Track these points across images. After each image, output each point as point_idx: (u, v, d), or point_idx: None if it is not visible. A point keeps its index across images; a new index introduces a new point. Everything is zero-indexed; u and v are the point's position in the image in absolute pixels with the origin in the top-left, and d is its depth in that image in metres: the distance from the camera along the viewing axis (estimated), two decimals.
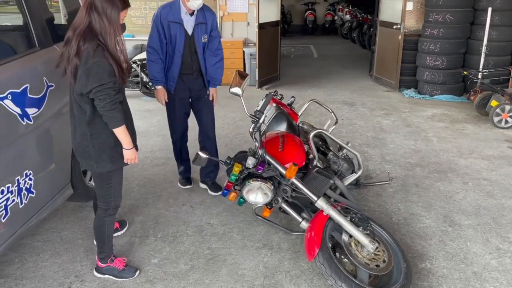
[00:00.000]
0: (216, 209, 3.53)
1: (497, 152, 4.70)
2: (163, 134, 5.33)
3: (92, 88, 2.22)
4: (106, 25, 2.26)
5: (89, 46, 2.22)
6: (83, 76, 2.22)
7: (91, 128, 2.38)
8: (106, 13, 2.25)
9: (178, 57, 3.50)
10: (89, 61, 2.21)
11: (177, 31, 3.42)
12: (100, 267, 2.72)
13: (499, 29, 6.55)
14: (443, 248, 2.98)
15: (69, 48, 2.28)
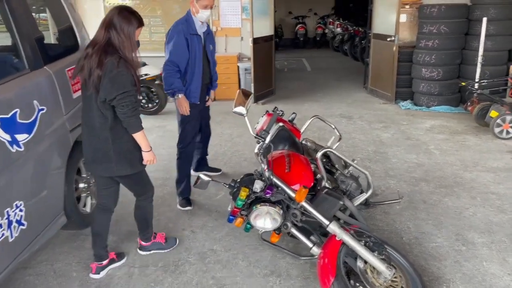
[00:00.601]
0: (219, 234, 3.36)
1: (502, 164, 4.60)
2: (159, 154, 5.11)
3: (117, 95, 2.42)
4: (124, 41, 2.49)
5: (111, 58, 2.43)
6: (108, 84, 2.42)
7: (113, 133, 2.57)
8: (124, 30, 2.49)
9: (199, 68, 3.71)
10: (113, 71, 2.42)
11: (196, 43, 3.65)
12: (145, 246, 3.10)
13: (495, 39, 6.53)
14: (460, 270, 2.84)
15: (90, 61, 2.46)
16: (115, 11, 2.52)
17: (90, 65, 2.46)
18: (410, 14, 7.27)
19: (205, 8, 3.59)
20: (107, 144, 2.58)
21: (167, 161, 4.93)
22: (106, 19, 2.52)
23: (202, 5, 3.58)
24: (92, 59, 2.45)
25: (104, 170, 2.69)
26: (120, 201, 3.60)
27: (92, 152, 2.64)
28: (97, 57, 2.43)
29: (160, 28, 8.13)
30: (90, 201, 3.50)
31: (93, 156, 2.65)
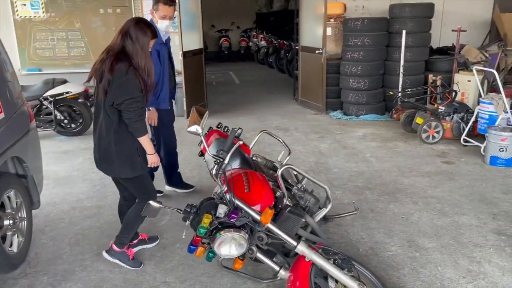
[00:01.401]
0: (170, 263, 3.10)
1: (434, 168, 4.85)
2: (90, 179, 4.73)
3: (124, 100, 2.57)
4: (138, 50, 2.64)
5: (122, 65, 2.57)
6: (117, 89, 2.57)
7: (116, 136, 2.69)
8: (139, 40, 2.65)
9: (167, 75, 3.85)
10: (122, 77, 2.56)
11: (164, 51, 3.79)
12: (114, 251, 3.02)
13: (412, 50, 6.97)
14: (418, 277, 2.88)
15: (103, 65, 2.60)
16: (132, 22, 2.69)
17: (102, 69, 2.61)
18: (335, 27, 7.53)
19: (163, 18, 3.70)
20: (110, 147, 2.71)
21: (100, 186, 4.53)
22: (123, 28, 2.68)
23: (160, 15, 3.70)
24: (105, 64, 2.59)
25: (107, 171, 2.88)
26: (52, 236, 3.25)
27: (99, 152, 2.81)
28: (109, 62, 2.57)
29: (79, 42, 7.60)
30: (17, 239, 3.05)
31: (99, 156, 2.82)
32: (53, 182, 4.57)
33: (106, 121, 2.68)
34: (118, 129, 2.69)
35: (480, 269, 2.93)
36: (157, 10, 3.71)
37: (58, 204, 4.11)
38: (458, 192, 4.20)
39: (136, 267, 3.03)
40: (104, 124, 2.69)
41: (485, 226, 3.51)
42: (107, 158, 2.77)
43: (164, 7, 3.66)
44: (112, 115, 2.66)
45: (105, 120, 2.68)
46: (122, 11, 7.53)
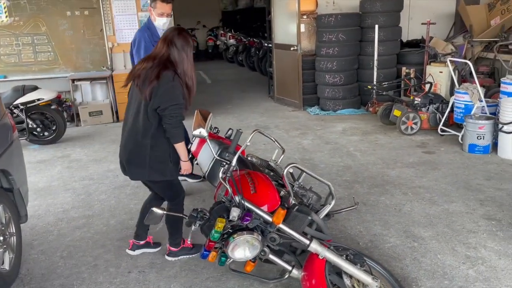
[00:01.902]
0: (172, 270, 3.03)
1: (416, 159, 4.98)
2: (72, 188, 4.56)
3: (169, 105, 2.64)
4: (184, 59, 2.75)
5: (168, 72, 2.66)
6: (164, 94, 2.64)
7: (153, 141, 2.75)
8: (184, 49, 2.76)
9: None
10: (169, 83, 2.65)
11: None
12: (174, 251, 3.11)
13: (384, 44, 7.11)
14: (420, 267, 2.94)
15: (149, 72, 2.67)
16: (175, 32, 2.79)
17: (147, 75, 2.66)
18: (308, 23, 7.58)
19: (161, 16, 3.83)
20: (145, 150, 2.75)
21: (85, 195, 4.38)
22: (167, 37, 2.76)
23: (157, 13, 3.82)
24: (152, 70, 2.65)
25: (138, 174, 2.89)
26: (42, 250, 3.13)
27: (128, 154, 2.82)
28: (157, 69, 2.65)
29: (46, 46, 7.30)
30: (8, 256, 2.89)
31: (128, 158, 2.83)
32: (33, 194, 4.37)
33: (145, 125, 2.73)
34: (156, 134, 2.74)
35: (477, 255, 3.03)
36: (154, 7, 3.82)
37: (43, 216, 3.94)
38: (443, 180, 4.32)
39: (199, 251, 2.90)
40: (142, 128, 2.74)
41: (474, 213, 3.63)
42: (139, 161, 2.79)
43: (162, 4, 3.80)
44: (153, 119, 2.71)
45: (144, 124, 2.73)
46: (91, 13, 7.28)
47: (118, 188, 4.49)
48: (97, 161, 5.39)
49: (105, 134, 6.62)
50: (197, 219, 2.41)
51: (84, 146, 6.06)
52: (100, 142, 6.21)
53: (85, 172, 5.05)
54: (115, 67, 7.52)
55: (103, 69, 7.46)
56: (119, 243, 3.41)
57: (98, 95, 7.53)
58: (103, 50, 7.45)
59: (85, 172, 5.04)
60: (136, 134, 2.76)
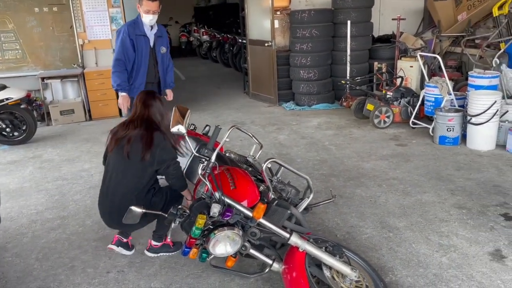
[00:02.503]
0: (151, 268, 3.01)
1: (390, 151, 5.10)
2: (45, 189, 4.47)
3: (170, 162, 2.86)
4: (164, 117, 2.98)
5: (157, 132, 2.87)
6: (162, 153, 2.84)
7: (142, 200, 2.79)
8: (161, 110, 3.00)
9: (144, 66, 4.07)
10: (162, 142, 2.86)
11: (143, 43, 4.02)
12: (154, 248, 3.12)
13: (357, 40, 7.22)
14: (396, 256, 3.02)
15: (137, 135, 2.83)
16: (150, 95, 3.03)
17: (136, 139, 2.81)
18: (282, 19, 7.62)
19: (147, 13, 3.92)
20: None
21: (58, 195, 4.30)
22: (144, 101, 2.96)
23: (144, 10, 3.91)
24: (141, 135, 2.82)
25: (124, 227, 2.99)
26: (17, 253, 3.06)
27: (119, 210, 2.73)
28: (145, 132, 2.83)
29: (13, 44, 7.07)
30: None
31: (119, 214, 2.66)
32: (5, 196, 4.25)
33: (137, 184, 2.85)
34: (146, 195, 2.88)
35: (450, 242, 3.14)
36: (141, 4, 3.92)
37: (16, 219, 3.84)
38: (415, 172, 4.45)
39: (178, 249, 3.13)
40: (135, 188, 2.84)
41: (446, 202, 3.76)
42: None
43: (148, 2, 3.88)
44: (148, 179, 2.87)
45: (137, 183, 2.84)
46: (59, 9, 7.09)
47: (93, 188, 4.41)
48: (70, 161, 5.29)
49: (78, 133, 6.49)
50: (177, 216, 2.41)
51: (56, 145, 5.92)
52: (73, 141, 6.09)
53: (58, 172, 4.94)
54: (86, 65, 7.37)
55: (73, 66, 7.29)
56: (96, 243, 3.37)
57: (69, 93, 7.36)
58: (73, 47, 7.28)
59: (58, 173, 4.93)
60: (125, 191, 2.83)
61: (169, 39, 15.61)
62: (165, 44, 4.25)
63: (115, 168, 2.88)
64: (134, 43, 3.98)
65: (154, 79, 4.26)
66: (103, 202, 2.95)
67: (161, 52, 4.19)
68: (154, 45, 4.13)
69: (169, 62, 4.36)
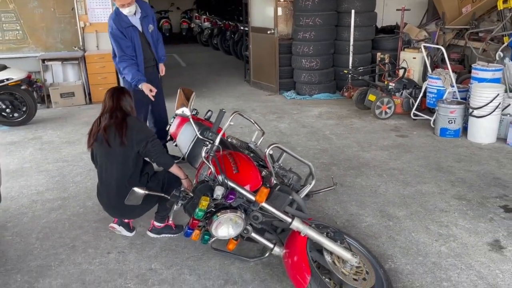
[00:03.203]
0: (152, 250, 3.02)
1: (390, 142, 5.10)
2: (46, 170, 4.46)
3: (148, 140, 2.83)
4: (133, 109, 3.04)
5: (129, 117, 2.92)
6: (139, 134, 2.85)
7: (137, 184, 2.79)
8: (131, 104, 3.04)
9: (140, 56, 4.02)
10: (138, 124, 2.95)
11: (132, 32, 3.96)
12: (157, 228, 3.12)
13: (360, 29, 7.18)
14: (396, 244, 3.04)
15: (114, 125, 2.85)
16: (119, 90, 3.04)
17: (111, 126, 2.85)
18: (285, 7, 7.57)
19: (122, 7, 3.87)
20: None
21: (59, 177, 4.29)
22: (113, 95, 2.97)
23: (118, 4, 3.86)
24: (114, 122, 2.85)
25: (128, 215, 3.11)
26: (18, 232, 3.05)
27: (118, 200, 2.83)
28: (118, 119, 2.86)
29: (14, 24, 7.00)
30: None
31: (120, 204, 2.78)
32: (5, 176, 4.24)
33: (124, 170, 2.87)
34: (139, 181, 2.91)
35: (449, 232, 3.16)
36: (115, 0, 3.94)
37: (16, 198, 3.84)
38: (416, 163, 4.46)
39: (180, 232, 3.13)
40: (123, 175, 2.87)
41: (446, 193, 3.77)
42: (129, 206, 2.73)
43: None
44: (134, 164, 2.89)
45: (123, 169, 2.87)
46: None
47: (94, 171, 4.31)
48: (71, 143, 5.27)
49: (78, 116, 6.46)
50: (180, 198, 2.42)
51: (56, 128, 5.90)
52: (73, 124, 6.07)
53: (58, 154, 4.93)
54: (87, 48, 7.31)
55: (74, 49, 7.24)
56: (96, 224, 3.38)
57: (69, 76, 7.30)
58: (74, 30, 7.22)
59: (58, 154, 4.92)
60: (122, 181, 2.86)
61: (170, 25, 15.45)
62: (151, 21, 4.18)
63: (102, 160, 2.95)
64: (125, 36, 3.92)
65: (152, 62, 4.25)
66: (101, 197, 3.05)
67: (149, 31, 4.13)
68: (142, 28, 4.07)
69: (158, 36, 4.28)
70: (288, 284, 2.60)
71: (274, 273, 2.72)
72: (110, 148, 2.84)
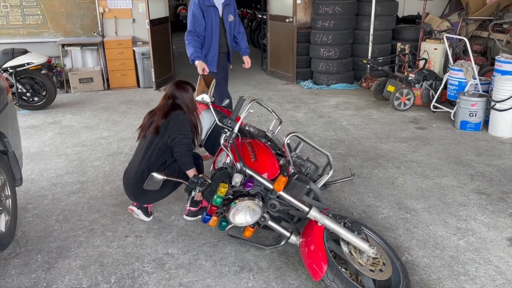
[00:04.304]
0: (169, 235, 3.05)
1: (409, 134, 5.03)
2: (65, 154, 4.52)
3: (179, 134, 2.87)
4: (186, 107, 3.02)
5: (177, 111, 2.97)
6: (174, 126, 2.89)
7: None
8: (184, 98, 3.02)
9: (215, 38, 4.16)
10: (180, 116, 2.94)
11: (213, 14, 4.09)
12: (193, 211, 3.18)
13: (381, 19, 7.07)
14: (413, 237, 3.02)
15: (154, 117, 2.99)
16: (173, 86, 3.05)
17: (152, 119, 2.98)
18: None
19: None
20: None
21: (78, 161, 4.35)
22: (167, 93, 3.06)
23: None
24: (157, 115, 2.97)
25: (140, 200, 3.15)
26: (38, 214, 3.10)
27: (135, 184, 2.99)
28: (162, 112, 2.95)
29: (34, 9, 7.07)
30: (4, 218, 2.88)
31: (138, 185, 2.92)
32: (25, 159, 4.32)
33: (150, 157, 2.94)
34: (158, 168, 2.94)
35: (467, 226, 3.12)
36: None
37: (37, 181, 3.91)
38: (435, 155, 4.39)
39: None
40: (146, 160, 2.94)
41: (465, 187, 3.72)
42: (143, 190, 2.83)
43: None
44: (158, 153, 2.94)
45: (148, 157, 2.95)
46: None
47: (112, 155, 4.47)
48: (89, 128, 5.34)
49: (96, 101, 6.53)
50: (198, 185, 2.43)
51: (75, 112, 5.97)
52: (91, 109, 6.13)
53: (77, 138, 5.00)
54: (106, 34, 7.35)
55: (93, 35, 7.28)
56: (115, 208, 3.42)
57: (88, 61, 7.36)
58: (93, 15, 7.26)
59: (77, 139, 4.99)
60: (144, 166, 2.93)
61: (187, 11, 15.40)
62: (233, 11, 4.32)
63: (138, 145, 3.11)
64: (204, 15, 4.06)
65: (225, 49, 4.38)
66: (123, 178, 3.13)
67: (228, 20, 4.26)
68: (222, 14, 4.21)
69: (239, 27, 4.42)
70: (303, 273, 2.61)
71: (290, 262, 2.73)
72: (145, 138, 3.00)
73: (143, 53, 7.06)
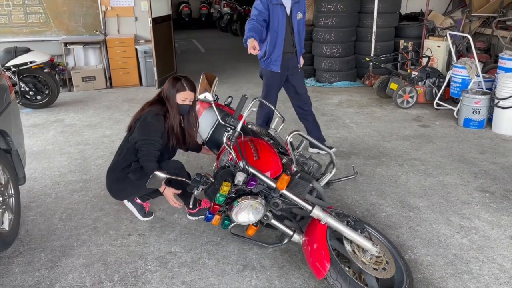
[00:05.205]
0: (171, 234, 3.06)
1: (412, 132, 5.02)
2: (68, 153, 4.53)
3: (139, 139, 2.82)
4: (167, 99, 2.95)
5: (153, 108, 2.91)
6: (137, 129, 2.86)
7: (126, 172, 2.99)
8: (166, 91, 2.94)
9: (281, 37, 3.88)
10: (147, 119, 2.86)
11: (279, 12, 3.82)
12: (193, 212, 3.17)
13: (384, 16, 7.04)
14: (416, 235, 3.01)
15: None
16: (168, 80, 2.99)
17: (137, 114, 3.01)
18: None
19: None
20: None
21: (81, 159, 4.36)
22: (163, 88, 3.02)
23: None
24: (138, 111, 3.00)
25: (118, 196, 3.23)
26: (41, 212, 3.11)
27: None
28: (141, 108, 2.99)
29: (37, 7, 7.08)
30: (7, 217, 2.89)
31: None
32: (28, 157, 4.33)
33: (119, 157, 3.02)
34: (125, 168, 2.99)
35: (471, 225, 3.10)
36: None
37: (40, 179, 3.91)
38: (438, 153, 4.38)
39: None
40: (118, 159, 3.03)
41: (469, 185, 3.70)
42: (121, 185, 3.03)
43: None
44: (128, 155, 2.97)
45: (120, 155, 3.02)
46: None
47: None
48: (92, 127, 5.34)
49: (99, 100, 6.53)
50: (200, 183, 2.43)
51: (77, 111, 5.98)
52: (94, 107, 6.14)
53: (80, 137, 5.01)
54: (109, 32, 7.36)
55: (96, 33, 7.29)
56: (117, 207, 3.42)
57: (91, 60, 7.37)
58: (96, 14, 7.26)
59: (80, 137, 4.99)
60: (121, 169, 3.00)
61: (189, 10, 15.41)
62: (302, 9, 4.01)
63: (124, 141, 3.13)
64: (270, 13, 3.79)
65: (292, 48, 4.02)
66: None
67: (297, 18, 3.94)
68: (290, 12, 3.89)
69: (303, 28, 4.08)
70: (306, 271, 2.60)
71: (293, 260, 2.73)
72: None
73: (146, 51, 7.06)
